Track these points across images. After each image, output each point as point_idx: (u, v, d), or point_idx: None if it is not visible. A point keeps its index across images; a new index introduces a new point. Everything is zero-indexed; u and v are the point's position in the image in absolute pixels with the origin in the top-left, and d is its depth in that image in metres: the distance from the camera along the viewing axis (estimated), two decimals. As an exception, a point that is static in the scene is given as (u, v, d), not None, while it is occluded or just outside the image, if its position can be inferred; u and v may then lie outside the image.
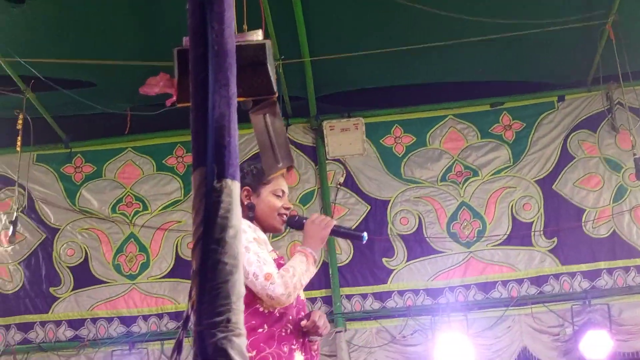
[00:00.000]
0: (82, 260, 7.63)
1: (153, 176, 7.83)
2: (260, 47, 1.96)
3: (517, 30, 6.66)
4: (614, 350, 6.80)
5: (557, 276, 7.25)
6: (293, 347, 2.82)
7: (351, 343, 7.15)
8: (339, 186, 7.63)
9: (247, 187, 3.10)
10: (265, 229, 3.16)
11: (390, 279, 7.36)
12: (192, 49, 1.42)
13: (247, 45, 1.95)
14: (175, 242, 7.61)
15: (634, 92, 7.36)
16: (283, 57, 6.89)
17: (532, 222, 7.43)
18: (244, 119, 1.79)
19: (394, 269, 7.39)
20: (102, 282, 7.58)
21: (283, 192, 3.16)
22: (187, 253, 7.38)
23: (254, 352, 2.71)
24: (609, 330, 6.84)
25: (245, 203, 3.05)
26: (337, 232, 3.15)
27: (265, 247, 2.97)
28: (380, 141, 7.78)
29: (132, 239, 7.68)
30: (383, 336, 7.18)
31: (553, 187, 7.50)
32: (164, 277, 7.57)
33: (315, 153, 7.77)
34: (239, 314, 1.46)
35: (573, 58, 7.42)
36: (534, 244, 7.37)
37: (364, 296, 7.35)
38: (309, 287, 7.42)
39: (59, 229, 7.70)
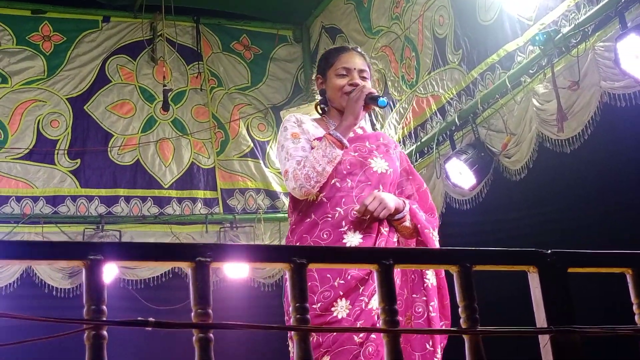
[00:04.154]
0: None
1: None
2: None
3: None
4: (118, 277, 6.89)
5: (74, 198, 7.14)
6: (341, 229, 2.74)
7: None
8: None
9: (318, 75, 3.05)
10: (342, 112, 2.99)
11: None
12: None
13: None
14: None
15: (174, 27, 7.46)
16: None
17: (57, 140, 7.20)
18: None
19: None
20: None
21: (347, 69, 2.99)
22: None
23: (298, 243, 2.73)
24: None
25: (318, 91, 3.04)
26: (371, 99, 2.90)
27: (306, 137, 2.88)
28: None
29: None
30: None
31: (85, 107, 7.33)
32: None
33: None
34: None
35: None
36: (57, 162, 7.15)
37: None
38: None
39: None
